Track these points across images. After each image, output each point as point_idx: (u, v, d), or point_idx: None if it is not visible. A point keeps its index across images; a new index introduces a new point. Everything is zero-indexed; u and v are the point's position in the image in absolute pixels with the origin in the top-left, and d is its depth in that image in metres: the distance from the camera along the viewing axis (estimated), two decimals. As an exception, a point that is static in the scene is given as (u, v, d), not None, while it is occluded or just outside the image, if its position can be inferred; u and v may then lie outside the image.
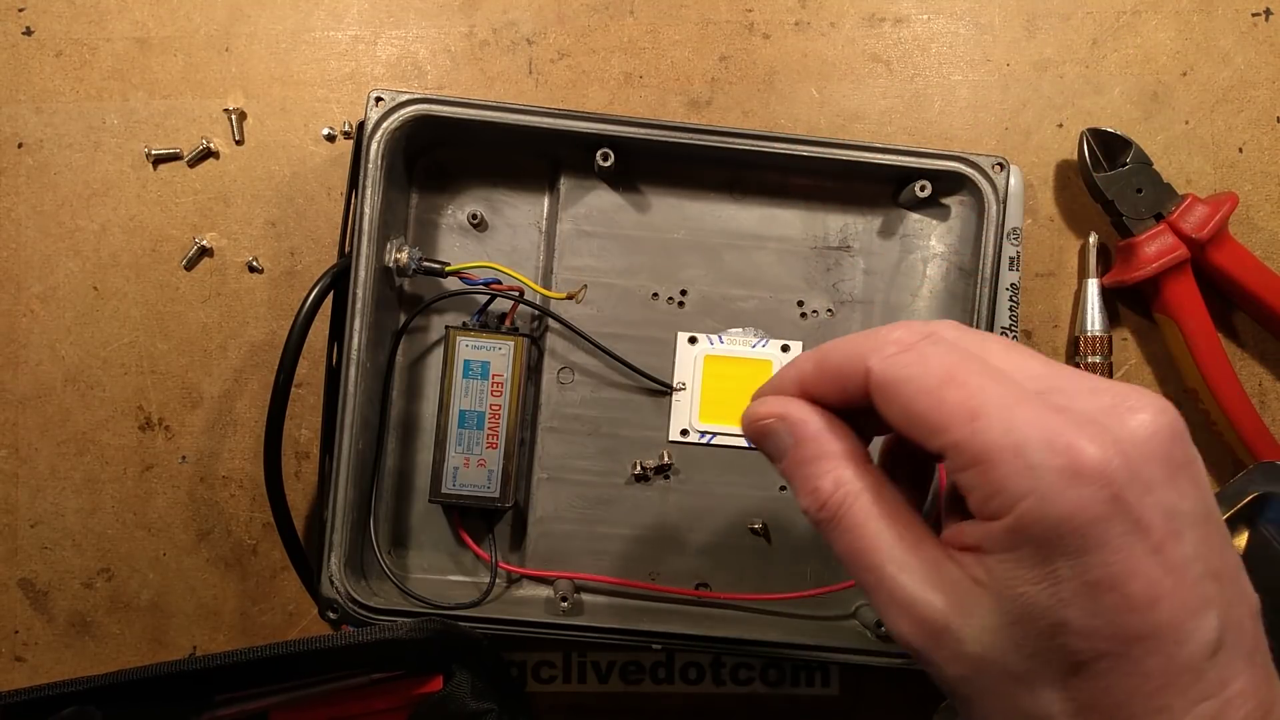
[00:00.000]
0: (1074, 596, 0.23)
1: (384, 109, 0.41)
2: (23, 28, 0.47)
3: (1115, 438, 0.23)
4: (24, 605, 0.47)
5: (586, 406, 0.45)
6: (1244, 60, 0.47)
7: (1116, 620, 0.23)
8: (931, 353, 0.25)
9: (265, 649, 0.36)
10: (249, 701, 0.38)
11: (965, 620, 0.24)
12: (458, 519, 0.44)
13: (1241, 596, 0.24)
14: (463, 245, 0.45)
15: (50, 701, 0.35)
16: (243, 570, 0.46)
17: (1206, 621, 0.23)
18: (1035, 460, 0.23)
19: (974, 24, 0.48)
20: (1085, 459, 0.22)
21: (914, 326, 0.27)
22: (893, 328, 0.27)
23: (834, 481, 0.27)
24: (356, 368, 0.40)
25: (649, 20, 0.47)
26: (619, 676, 0.46)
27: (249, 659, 0.35)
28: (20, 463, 0.46)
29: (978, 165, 0.42)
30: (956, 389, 0.24)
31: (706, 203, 0.45)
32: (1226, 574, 0.24)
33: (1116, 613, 0.23)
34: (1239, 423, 0.44)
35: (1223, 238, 0.45)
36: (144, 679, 0.35)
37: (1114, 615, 0.23)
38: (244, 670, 0.36)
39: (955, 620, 0.24)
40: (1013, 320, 0.45)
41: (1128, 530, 0.22)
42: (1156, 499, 0.23)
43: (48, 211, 0.46)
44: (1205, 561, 0.23)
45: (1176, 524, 0.23)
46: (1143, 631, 0.23)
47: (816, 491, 0.27)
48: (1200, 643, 0.23)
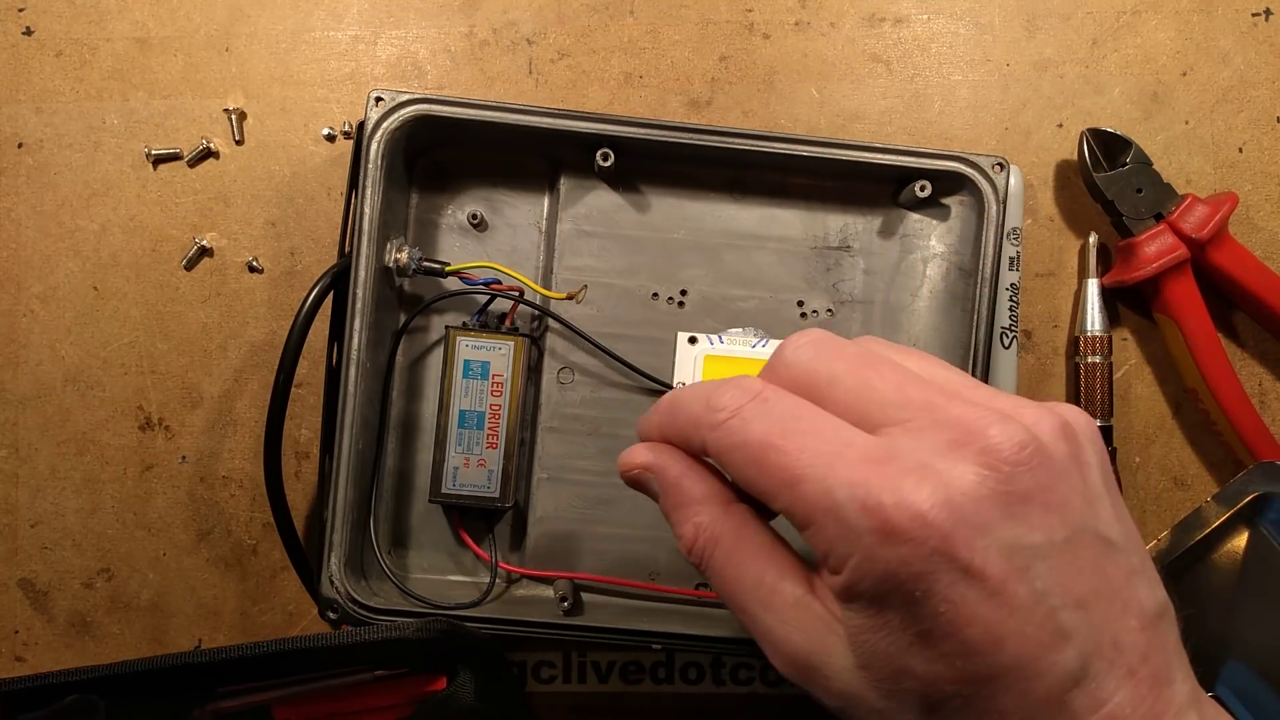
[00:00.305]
0: (911, 646, 0.23)
1: (384, 109, 0.41)
2: (23, 28, 0.47)
3: (943, 483, 0.23)
4: (24, 605, 0.47)
5: (586, 406, 0.45)
6: (1244, 60, 0.47)
7: (958, 665, 0.23)
8: (754, 417, 0.26)
9: (270, 644, 0.36)
10: (252, 695, 0.38)
11: (828, 659, 0.25)
12: (458, 519, 0.44)
13: (1124, 610, 0.24)
14: (463, 245, 0.45)
15: (52, 690, 0.35)
16: (243, 570, 0.47)
17: (1063, 655, 0.23)
18: (852, 523, 0.23)
19: (974, 24, 0.48)
20: (899, 518, 0.22)
21: (746, 386, 0.26)
22: (725, 388, 0.27)
23: (694, 528, 0.27)
24: (356, 368, 0.40)
25: (649, 20, 0.47)
26: (619, 676, 0.46)
27: (254, 653, 0.36)
28: (20, 463, 0.46)
29: (977, 165, 0.42)
30: (776, 455, 0.25)
31: (706, 203, 0.45)
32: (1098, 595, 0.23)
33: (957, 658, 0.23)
34: (1239, 423, 0.44)
35: (1223, 238, 0.45)
36: (147, 670, 0.35)
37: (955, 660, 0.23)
38: (248, 664, 0.36)
39: (818, 659, 0.25)
40: (1013, 320, 0.45)
41: (957, 579, 0.22)
42: (993, 540, 0.22)
43: (48, 211, 0.46)
44: (1064, 590, 0.23)
45: (1021, 560, 0.23)
46: (989, 673, 0.23)
47: (682, 538, 0.28)
48: (1057, 677, 0.23)
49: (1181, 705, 0.24)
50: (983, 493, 0.23)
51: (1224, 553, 0.40)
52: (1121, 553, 0.24)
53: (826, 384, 0.26)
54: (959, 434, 0.23)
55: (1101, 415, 0.45)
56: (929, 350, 0.45)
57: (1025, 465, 0.23)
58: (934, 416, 0.24)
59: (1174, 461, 0.47)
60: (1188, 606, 0.40)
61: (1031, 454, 0.23)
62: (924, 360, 0.28)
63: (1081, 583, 0.23)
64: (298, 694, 0.38)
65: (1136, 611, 0.24)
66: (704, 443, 0.27)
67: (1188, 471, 0.47)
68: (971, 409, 0.24)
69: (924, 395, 0.25)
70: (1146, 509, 0.47)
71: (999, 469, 0.23)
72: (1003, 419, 0.24)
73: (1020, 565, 0.22)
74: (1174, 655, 0.24)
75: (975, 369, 0.42)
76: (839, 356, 0.26)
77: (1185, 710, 0.24)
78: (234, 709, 0.37)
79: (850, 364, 0.26)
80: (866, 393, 0.25)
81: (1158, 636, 0.24)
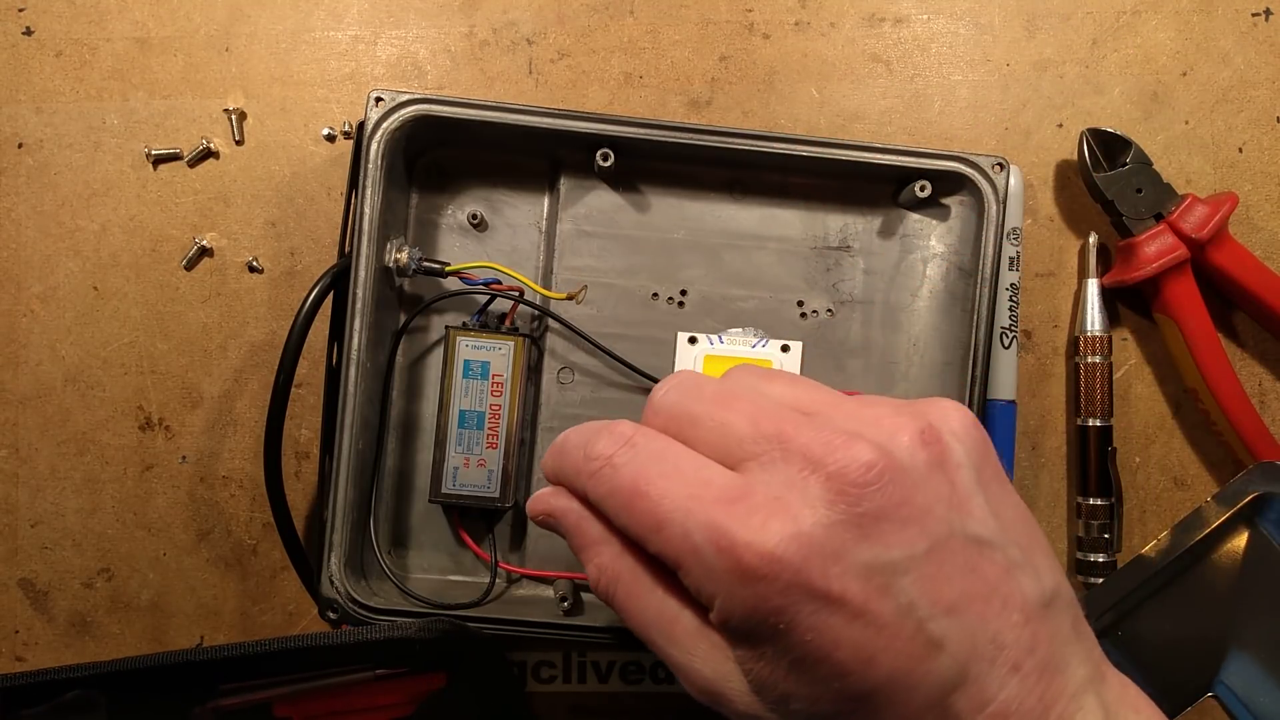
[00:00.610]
0: (789, 673, 0.24)
1: (384, 109, 0.41)
2: (23, 28, 0.47)
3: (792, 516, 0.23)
4: (24, 605, 0.47)
5: (586, 406, 0.45)
6: (1244, 60, 0.47)
7: (835, 686, 0.23)
8: (622, 463, 0.27)
9: (272, 642, 0.36)
10: (253, 693, 0.38)
11: (728, 684, 0.25)
12: (458, 519, 0.44)
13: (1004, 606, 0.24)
14: (463, 245, 0.45)
15: (54, 686, 0.35)
16: (243, 570, 0.47)
17: (937, 663, 0.23)
18: (711, 564, 0.24)
19: (974, 24, 0.48)
20: (749, 558, 0.23)
21: (619, 433, 0.27)
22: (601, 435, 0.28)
23: (596, 569, 0.28)
24: (356, 368, 0.40)
25: (649, 20, 0.47)
26: (619, 676, 0.46)
27: (255, 651, 0.36)
28: (20, 463, 0.46)
29: (977, 165, 0.42)
30: (641, 500, 0.26)
31: (706, 203, 0.45)
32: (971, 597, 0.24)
33: (833, 680, 0.23)
34: (1239, 423, 0.44)
35: (1223, 238, 0.45)
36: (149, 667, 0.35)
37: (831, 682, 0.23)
38: (249, 662, 0.36)
39: (720, 685, 0.25)
40: (1013, 320, 0.45)
41: (818, 608, 0.23)
42: (849, 564, 0.23)
43: (48, 211, 0.46)
44: (931, 600, 0.23)
45: (881, 578, 0.23)
46: (865, 691, 0.23)
47: (589, 577, 0.29)
48: (934, 685, 0.23)
49: (1076, 690, 0.24)
50: (832, 520, 0.23)
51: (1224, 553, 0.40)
52: (997, 549, 0.24)
53: (690, 425, 0.27)
54: (806, 462, 0.24)
55: (1101, 415, 0.45)
56: (929, 349, 0.45)
57: (874, 485, 0.23)
58: (784, 448, 0.25)
59: (1174, 461, 0.47)
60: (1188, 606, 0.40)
61: (879, 472, 0.23)
62: (790, 385, 0.28)
63: (951, 589, 0.23)
64: (299, 692, 0.38)
65: (1019, 605, 0.24)
66: (584, 490, 0.28)
67: (1188, 471, 0.47)
68: (819, 434, 0.24)
69: (776, 426, 0.25)
70: (1146, 509, 0.47)
71: (846, 493, 0.23)
72: (848, 441, 0.24)
73: (881, 584, 0.23)
74: (1068, 641, 0.25)
75: (975, 369, 0.42)
76: (698, 398, 0.27)
77: (1081, 693, 0.24)
78: (235, 706, 0.38)
79: (708, 404, 0.27)
80: (723, 430, 0.26)
81: (1045, 626, 0.24)
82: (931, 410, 0.26)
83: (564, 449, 0.29)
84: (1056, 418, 0.47)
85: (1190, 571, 0.40)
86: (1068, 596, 0.26)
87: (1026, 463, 0.47)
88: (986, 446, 0.27)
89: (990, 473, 0.26)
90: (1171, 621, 0.40)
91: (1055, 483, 0.47)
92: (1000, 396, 0.45)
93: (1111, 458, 0.45)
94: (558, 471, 0.30)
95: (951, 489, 0.25)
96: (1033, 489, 0.47)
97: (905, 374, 0.45)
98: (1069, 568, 0.47)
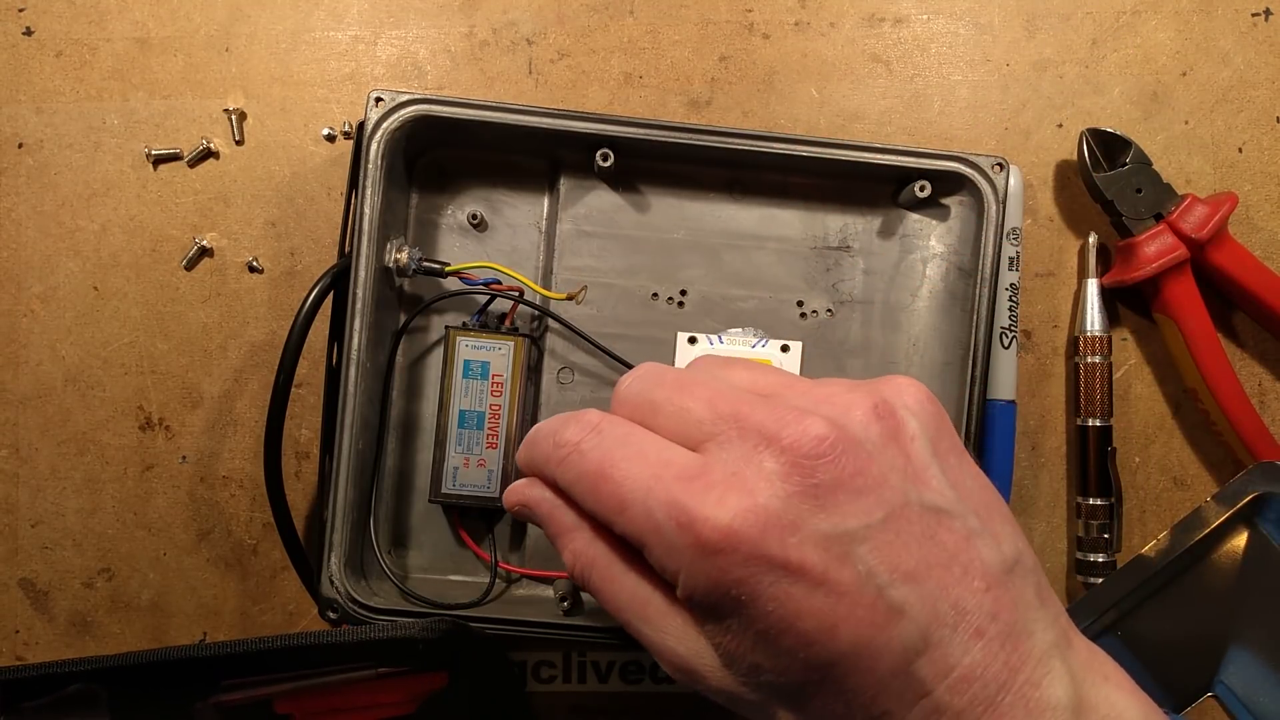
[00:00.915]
0: (756, 645, 0.24)
1: (384, 109, 0.41)
2: (23, 28, 0.47)
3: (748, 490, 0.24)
4: (24, 605, 0.47)
5: (586, 406, 0.45)
6: (1244, 60, 0.47)
7: (801, 656, 0.24)
8: (589, 449, 0.27)
9: (273, 639, 0.36)
10: (254, 689, 0.38)
11: (701, 661, 0.26)
12: (458, 519, 0.44)
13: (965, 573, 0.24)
14: (463, 245, 0.45)
15: (56, 679, 0.35)
16: (243, 570, 0.47)
17: (899, 629, 0.23)
18: (673, 540, 0.24)
19: (974, 24, 0.48)
20: (708, 533, 0.24)
21: (585, 420, 0.28)
22: (569, 423, 0.29)
23: (571, 554, 0.29)
24: (356, 368, 0.40)
25: (649, 20, 0.47)
26: (619, 676, 0.46)
27: (257, 649, 0.36)
28: (20, 463, 0.46)
29: (977, 165, 0.42)
30: (605, 483, 0.26)
31: (706, 203, 0.45)
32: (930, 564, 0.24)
33: (798, 650, 0.24)
34: (1239, 423, 0.44)
35: (1222, 238, 0.45)
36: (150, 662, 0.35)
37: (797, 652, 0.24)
38: (251, 659, 0.36)
39: (694, 662, 0.26)
40: (1012, 320, 0.45)
41: (778, 578, 0.23)
42: (807, 534, 0.23)
43: (48, 212, 0.46)
44: (890, 568, 0.24)
45: (841, 547, 0.23)
46: (831, 659, 0.24)
47: (565, 563, 0.29)
48: (897, 650, 0.23)
49: (1042, 655, 0.24)
50: (787, 491, 0.24)
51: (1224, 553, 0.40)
52: (956, 518, 0.25)
53: (652, 411, 0.28)
54: (760, 438, 0.25)
55: (1101, 415, 0.45)
56: (928, 349, 0.45)
57: (826, 457, 0.24)
58: (740, 426, 0.25)
59: (1174, 461, 0.47)
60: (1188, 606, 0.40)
61: (831, 444, 0.24)
62: (749, 370, 0.29)
63: (909, 556, 0.24)
64: (300, 689, 0.38)
65: (979, 572, 0.24)
66: (554, 478, 0.29)
67: (1188, 471, 0.47)
68: (773, 412, 0.25)
69: (732, 407, 0.26)
70: (1146, 509, 0.47)
71: (800, 465, 0.24)
72: (800, 416, 0.25)
73: (839, 553, 0.23)
74: (1031, 607, 0.25)
75: (975, 369, 0.42)
76: (659, 385, 0.28)
77: (1046, 658, 0.24)
78: (236, 702, 0.38)
79: (668, 390, 0.28)
80: (683, 415, 0.27)
81: (1008, 593, 0.24)
82: (885, 386, 0.27)
83: (535, 439, 0.30)
84: (1056, 418, 0.47)
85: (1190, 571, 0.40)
86: (1030, 563, 0.26)
87: (1026, 463, 0.47)
88: (941, 419, 0.27)
89: (946, 444, 0.27)
90: (1171, 621, 0.40)
91: (1055, 483, 0.47)
92: (1000, 396, 0.45)
93: (1111, 458, 0.45)
94: (530, 461, 0.31)
95: (907, 460, 0.25)
96: (1032, 489, 0.47)
97: (905, 374, 0.45)
98: (1069, 568, 0.47)
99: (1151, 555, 0.39)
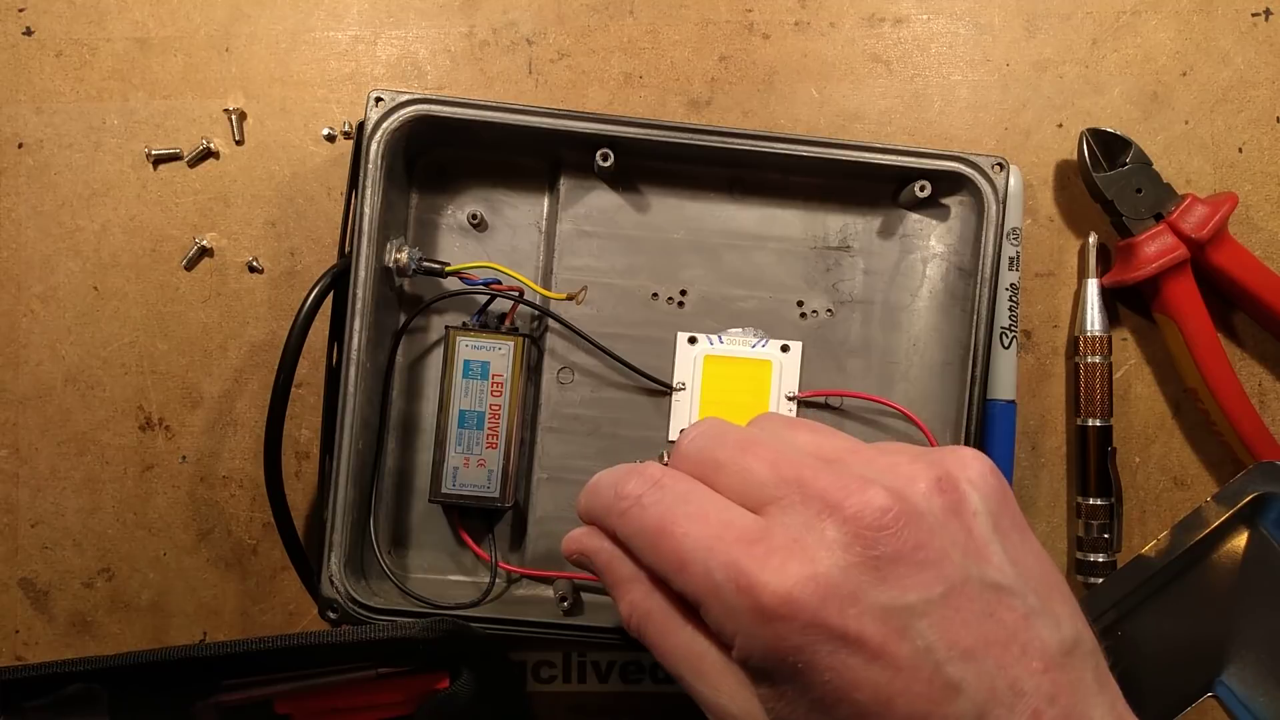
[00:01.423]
0: (808, 712, 0.24)
1: (384, 109, 0.41)
2: (23, 28, 0.47)
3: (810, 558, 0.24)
4: (24, 605, 0.47)
5: (586, 406, 0.45)
6: (1244, 60, 0.47)
7: None
8: (650, 503, 0.28)
9: (274, 639, 0.36)
10: (254, 689, 0.38)
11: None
12: (458, 519, 0.44)
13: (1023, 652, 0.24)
14: (463, 245, 0.45)
15: (56, 679, 0.35)
16: (243, 570, 0.47)
17: (955, 707, 0.23)
18: (732, 603, 0.24)
19: (974, 24, 0.48)
20: (768, 599, 0.24)
21: (648, 474, 0.28)
22: (631, 476, 0.29)
23: (628, 605, 0.29)
24: (356, 368, 0.40)
25: (649, 20, 0.47)
26: (619, 676, 0.46)
27: (257, 648, 0.36)
28: (20, 462, 0.46)
29: (977, 165, 0.42)
30: (666, 540, 0.26)
31: (706, 203, 0.45)
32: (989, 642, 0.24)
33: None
34: (1239, 423, 0.44)
35: (1222, 238, 0.45)
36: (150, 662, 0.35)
37: None
38: (251, 659, 0.36)
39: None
40: (1012, 320, 0.45)
41: (836, 648, 0.23)
42: (867, 605, 0.23)
43: (48, 212, 0.46)
44: (948, 644, 0.23)
45: (900, 620, 0.23)
46: None
47: (620, 614, 0.29)
48: None
49: None
50: (849, 561, 0.24)
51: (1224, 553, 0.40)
52: (1015, 596, 0.25)
53: (714, 469, 0.28)
54: (824, 506, 0.25)
55: (1101, 415, 0.45)
56: (928, 349, 0.45)
57: (888, 529, 0.24)
58: (803, 491, 0.25)
59: (1174, 461, 0.47)
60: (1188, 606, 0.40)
61: (895, 516, 0.24)
62: (813, 433, 0.29)
63: (968, 633, 0.24)
64: (300, 689, 0.38)
65: (1038, 652, 0.24)
66: (614, 529, 0.29)
67: (1188, 471, 0.47)
68: (837, 479, 0.25)
69: (795, 471, 0.26)
70: (1146, 509, 0.47)
71: (862, 536, 0.24)
72: (863, 486, 0.25)
73: (898, 626, 0.23)
74: (1090, 691, 0.25)
75: (975, 369, 0.42)
76: (722, 444, 0.28)
77: None
78: (236, 702, 0.38)
79: (731, 449, 0.28)
80: (745, 476, 0.27)
81: (1066, 675, 0.24)
82: (949, 458, 0.27)
83: (596, 489, 0.30)
84: (1056, 418, 0.47)
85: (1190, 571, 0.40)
86: (1089, 645, 0.26)
87: (1026, 463, 0.47)
88: (1005, 494, 0.27)
89: (1009, 521, 0.26)
90: (1171, 621, 0.40)
91: (1055, 483, 0.47)
92: (1000, 396, 0.45)
93: (1111, 458, 0.45)
94: (590, 510, 0.31)
95: (968, 535, 0.25)
96: (1032, 489, 0.47)
97: (905, 374, 0.45)
98: (1069, 568, 0.47)
99: (1152, 555, 0.39)
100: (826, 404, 0.45)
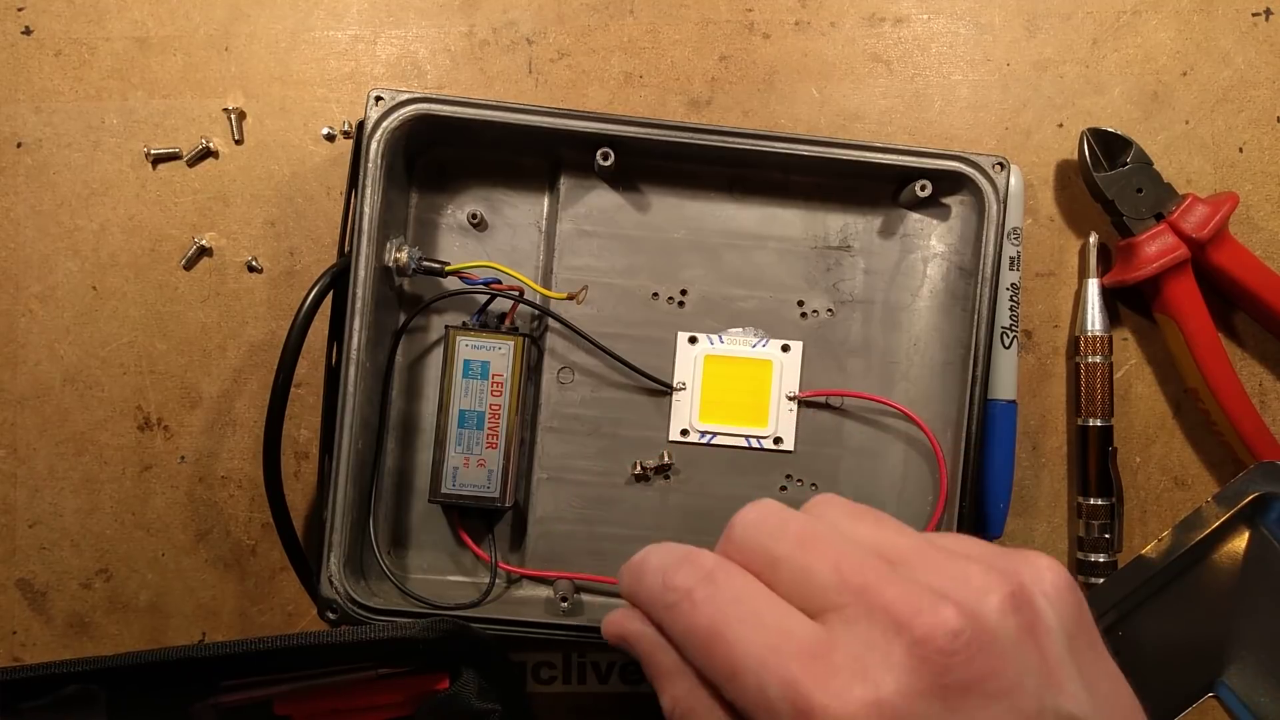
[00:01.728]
0: None
1: (384, 108, 0.40)
2: (22, 27, 0.46)
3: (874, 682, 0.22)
4: (22, 606, 0.46)
5: (586, 406, 0.45)
6: (1244, 60, 0.47)
7: None
8: (703, 601, 0.26)
9: (274, 640, 0.36)
10: (253, 690, 0.38)
11: None
12: (457, 519, 0.44)
13: None
14: (463, 245, 0.45)
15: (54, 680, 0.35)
16: (242, 570, 0.46)
17: None
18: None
19: (974, 24, 0.48)
20: None
21: (699, 564, 0.27)
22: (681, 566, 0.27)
23: (671, 700, 0.27)
24: (356, 368, 0.40)
25: (649, 20, 0.47)
26: (619, 676, 0.46)
27: (257, 649, 0.36)
28: (19, 463, 0.46)
29: (978, 165, 0.42)
30: (718, 644, 0.25)
31: (706, 203, 0.45)
32: None
33: None
34: (1239, 423, 0.44)
35: (1223, 237, 0.45)
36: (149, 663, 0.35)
37: None
38: (250, 660, 0.36)
39: None
40: (1013, 320, 0.45)
41: None
42: None
43: (47, 211, 0.46)
44: None
45: None
46: None
47: (663, 706, 0.28)
48: None
49: None
50: (916, 689, 0.22)
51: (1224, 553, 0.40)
52: None
53: (771, 566, 0.26)
54: (891, 623, 0.23)
55: (1102, 415, 0.45)
56: (929, 349, 0.45)
57: (961, 655, 0.22)
58: (868, 602, 0.24)
59: (1174, 461, 0.47)
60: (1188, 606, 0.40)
61: (968, 641, 0.22)
62: (877, 527, 0.27)
63: None
64: (299, 690, 0.38)
65: None
66: (660, 622, 0.27)
67: (1188, 471, 0.47)
68: (906, 593, 0.23)
69: (860, 577, 0.24)
70: (1147, 509, 0.47)
71: (932, 661, 0.22)
72: (934, 603, 0.23)
73: None
74: None
75: (975, 369, 0.42)
76: (781, 536, 0.26)
77: None
78: (235, 703, 0.37)
79: (790, 546, 0.26)
80: (805, 576, 0.25)
81: None
82: (1025, 569, 0.25)
83: (642, 572, 0.28)
84: (1057, 418, 0.47)
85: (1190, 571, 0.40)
86: None
87: (1027, 463, 0.47)
88: (1080, 610, 0.25)
89: (1084, 640, 0.25)
90: (1172, 621, 0.40)
91: (1055, 483, 0.47)
92: (1000, 396, 0.45)
93: (1112, 458, 0.45)
94: (634, 595, 0.29)
95: (1042, 659, 0.23)
96: (1033, 489, 0.47)
97: (906, 374, 0.45)
98: (1070, 568, 0.47)
99: (1152, 555, 0.39)
100: (827, 403, 0.45)
